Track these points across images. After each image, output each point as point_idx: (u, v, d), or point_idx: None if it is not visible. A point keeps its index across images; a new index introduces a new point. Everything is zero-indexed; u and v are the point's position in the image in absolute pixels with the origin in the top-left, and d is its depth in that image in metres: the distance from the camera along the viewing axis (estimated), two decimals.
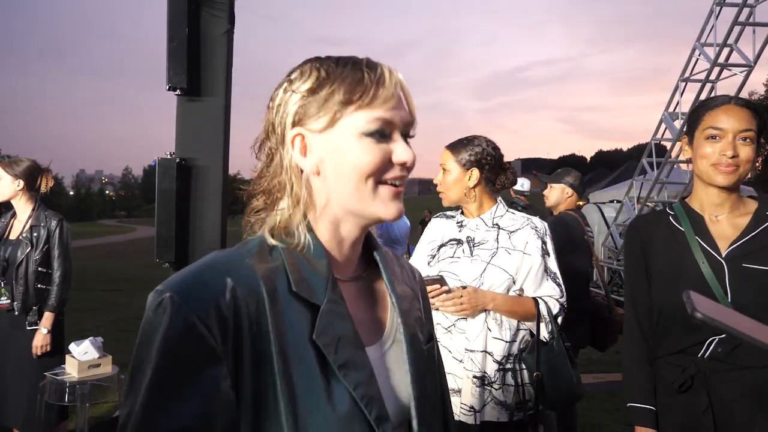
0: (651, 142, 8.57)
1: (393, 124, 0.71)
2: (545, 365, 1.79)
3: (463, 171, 1.90)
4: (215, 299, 0.62)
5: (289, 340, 0.65)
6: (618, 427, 3.82)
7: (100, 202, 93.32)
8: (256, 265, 0.67)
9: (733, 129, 1.37)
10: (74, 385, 2.71)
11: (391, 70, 0.71)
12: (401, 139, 0.72)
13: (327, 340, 0.66)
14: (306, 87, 0.70)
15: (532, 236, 1.86)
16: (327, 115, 0.69)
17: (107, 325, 6.81)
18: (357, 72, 0.69)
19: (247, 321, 0.63)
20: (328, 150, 0.70)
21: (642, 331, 1.51)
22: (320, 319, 0.66)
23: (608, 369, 5.20)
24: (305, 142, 0.71)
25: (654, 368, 1.49)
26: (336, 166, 0.70)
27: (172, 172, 2.57)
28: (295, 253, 0.70)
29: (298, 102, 0.70)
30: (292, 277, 0.67)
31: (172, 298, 0.61)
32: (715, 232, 1.43)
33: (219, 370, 0.61)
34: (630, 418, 1.48)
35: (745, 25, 6.91)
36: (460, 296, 1.75)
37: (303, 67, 0.72)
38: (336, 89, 0.69)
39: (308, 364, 0.65)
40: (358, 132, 0.69)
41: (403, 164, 0.71)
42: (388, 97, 0.69)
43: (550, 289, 1.85)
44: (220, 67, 2.67)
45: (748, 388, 1.33)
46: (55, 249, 2.81)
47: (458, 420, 1.81)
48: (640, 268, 1.52)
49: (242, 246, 0.71)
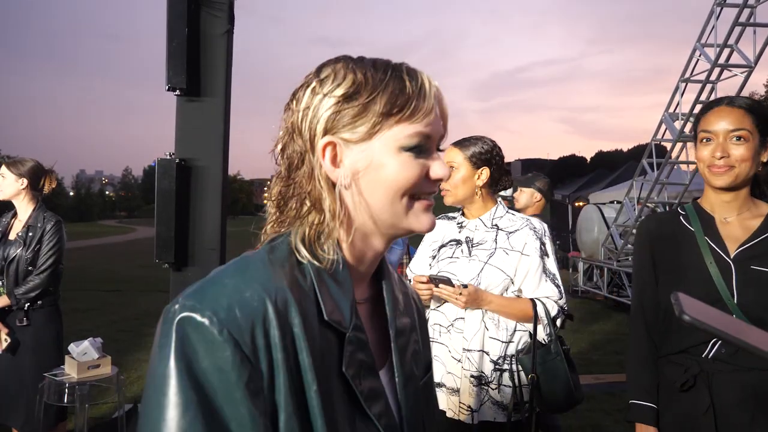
0: (651, 143, 8.56)
1: (431, 139, 0.67)
2: (542, 367, 1.79)
3: (473, 169, 1.89)
4: (254, 323, 0.56)
5: (323, 370, 0.60)
6: (618, 427, 3.82)
7: (100, 202, 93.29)
8: (291, 285, 0.62)
9: (722, 130, 1.39)
10: (73, 385, 2.71)
11: (431, 79, 0.67)
12: (438, 155, 0.69)
13: (354, 371, 0.63)
14: (341, 92, 0.64)
15: (531, 237, 1.86)
16: (364, 126, 0.64)
17: (107, 326, 6.80)
18: (398, 80, 0.65)
19: (283, 349, 0.58)
20: (364, 163, 0.65)
21: (647, 330, 1.53)
22: (347, 347, 0.63)
23: (608, 369, 5.19)
24: (336, 151, 0.65)
25: (657, 367, 1.50)
26: (371, 180, 0.65)
27: (172, 173, 2.57)
28: (324, 273, 0.65)
29: (331, 107, 0.64)
30: (325, 305, 0.63)
31: (212, 318, 0.54)
32: (725, 234, 1.44)
33: (261, 405, 0.55)
34: (631, 415, 1.50)
35: (746, 25, 6.90)
36: (459, 293, 1.76)
37: (336, 67, 0.66)
38: (377, 98, 0.64)
39: (338, 395, 0.61)
40: (398, 146, 0.65)
41: (439, 180, 0.68)
42: (429, 110, 0.66)
43: (549, 291, 1.85)
44: (220, 68, 2.67)
45: (751, 390, 1.33)
46: (45, 246, 2.77)
47: (457, 419, 1.82)
48: (648, 267, 1.54)
49: (272, 253, 0.65)
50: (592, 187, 15.60)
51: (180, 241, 2.62)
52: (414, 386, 0.74)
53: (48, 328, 2.80)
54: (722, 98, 1.45)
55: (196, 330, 0.54)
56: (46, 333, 2.79)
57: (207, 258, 2.67)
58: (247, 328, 0.55)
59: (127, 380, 4.56)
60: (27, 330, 2.74)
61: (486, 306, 1.81)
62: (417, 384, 0.75)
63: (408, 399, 0.71)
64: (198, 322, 0.54)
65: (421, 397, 0.76)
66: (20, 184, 2.81)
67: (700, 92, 7.45)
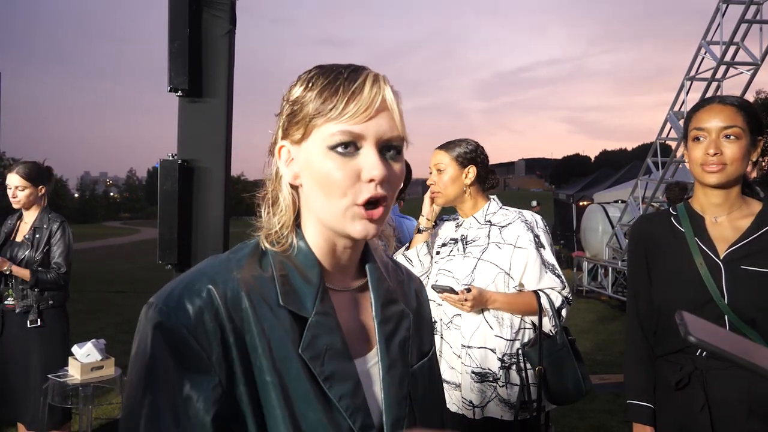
0: (656, 142, 8.51)
1: (362, 138, 0.67)
2: (548, 358, 1.81)
3: (460, 168, 1.93)
4: (202, 310, 0.64)
5: (279, 353, 0.66)
6: (623, 428, 3.79)
7: (104, 204, 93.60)
8: (245, 275, 0.68)
9: (715, 128, 1.39)
10: (77, 387, 2.72)
11: (376, 79, 0.68)
12: (373, 154, 0.67)
13: (313, 353, 0.67)
14: (293, 97, 0.71)
15: (523, 229, 1.87)
16: (301, 127, 0.70)
17: (111, 327, 6.83)
18: (334, 83, 0.68)
19: (233, 334, 0.65)
20: (302, 162, 0.71)
21: (643, 330, 1.54)
22: (307, 332, 0.67)
23: (612, 370, 5.17)
24: (289, 153, 0.72)
25: (654, 367, 1.51)
26: (308, 179, 0.70)
27: (174, 174, 2.57)
28: (286, 262, 0.71)
29: (286, 111, 0.72)
30: (281, 289, 0.68)
31: (161, 309, 0.64)
32: (715, 234, 1.44)
33: (208, 381, 0.62)
34: (628, 415, 1.52)
35: (752, 22, 6.85)
36: (465, 299, 1.78)
37: (301, 76, 0.72)
38: (310, 100, 0.69)
39: (298, 376, 0.66)
40: (325, 145, 0.68)
41: (371, 180, 0.67)
42: (361, 109, 0.66)
43: (551, 282, 1.86)
44: (222, 68, 2.66)
45: (746, 386, 1.34)
46: (57, 248, 2.82)
47: (460, 413, 1.85)
48: (642, 268, 1.54)
49: (234, 253, 0.72)
50: (597, 186, 15.55)
51: (183, 242, 2.62)
52: (400, 372, 0.75)
53: (55, 328, 2.83)
54: (713, 97, 1.47)
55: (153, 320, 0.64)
56: (53, 333, 2.82)
57: None
58: (193, 315, 0.63)
59: None
60: (35, 330, 2.76)
61: (491, 305, 1.82)
62: (405, 370, 0.76)
63: (391, 384, 0.74)
64: (153, 314, 0.64)
65: (418, 383, 0.78)
66: (39, 192, 2.86)
67: (706, 90, 7.40)
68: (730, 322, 1.35)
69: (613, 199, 11.93)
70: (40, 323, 2.76)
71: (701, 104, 1.46)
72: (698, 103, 1.48)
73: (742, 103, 1.41)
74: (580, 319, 7.63)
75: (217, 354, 0.63)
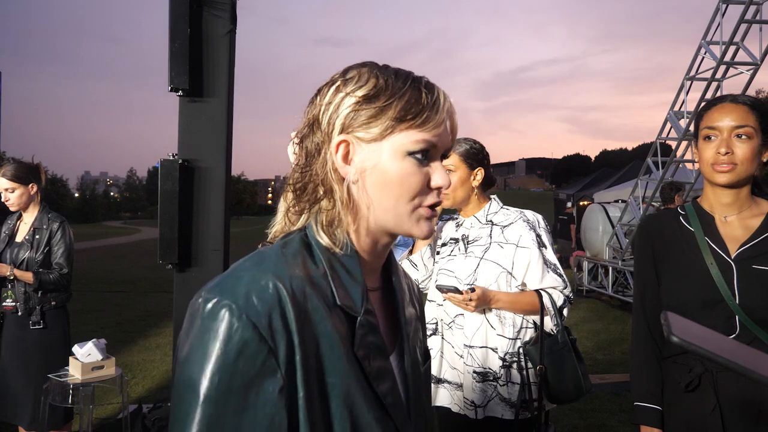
0: (656, 141, 8.51)
1: (437, 149, 0.72)
2: (549, 357, 1.81)
3: (469, 170, 1.93)
4: (272, 308, 0.62)
5: (336, 351, 0.66)
6: (623, 428, 3.79)
7: (104, 203, 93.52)
8: (305, 273, 0.67)
9: (726, 127, 1.37)
10: (77, 387, 2.71)
11: (446, 95, 0.73)
12: (440, 164, 0.73)
13: (364, 351, 0.68)
14: (362, 93, 0.69)
15: (525, 229, 1.87)
16: (378, 128, 0.69)
17: (112, 327, 6.81)
18: (416, 90, 0.70)
19: (298, 334, 0.63)
20: (371, 162, 0.70)
21: (650, 331, 1.51)
22: (358, 330, 0.68)
23: (612, 369, 5.17)
24: (349, 149, 0.71)
25: (662, 368, 1.48)
26: (376, 180, 0.70)
27: (175, 174, 2.57)
28: (335, 261, 0.70)
29: (351, 106, 0.70)
30: (337, 290, 0.68)
31: (231, 306, 0.60)
32: (725, 234, 1.42)
33: (278, 384, 0.61)
34: (636, 418, 1.49)
35: (752, 22, 6.84)
36: (469, 299, 1.78)
37: (361, 71, 0.71)
38: (393, 103, 0.69)
39: (354, 375, 0.67)
40: (404, 150, 0.69)
41: (439, 188, 0.72)
42: (439, 122, 0.71)
43: (553, 281, 1.87)
44: (222, 68, 2.66)
45: (757, 388, 1.32)
46: (58, 248, 2.82)
47: (462, 414, 1.85)
48: (649, 268, 1.52)
49: (285, 247, 0.70)
50: (597, 186, 15.56)
51: (183, 241, 2.62)
52: (419, 371, 0.80)
53: (56, 328, 2.83)
54: (725, 95, 1.43)
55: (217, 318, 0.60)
56: (54, 333, 2.82)
57: (210, 259, 2.67)
58: (264, 313, 0.61)
59: (132, 381, 4.57)
60: (36, 330, 2.76)
61: (495, 305, 1.82)
62: (420, 369, 0.81)
63: (415, 382, 0.78)
64: (219, 311, 0.60)
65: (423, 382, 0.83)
66: (31, 190, 2.83)
67: (706, 90, 7.39)
68: (741, 322, 1.33)
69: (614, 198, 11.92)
70: (43, 324, 2.76)
71: (713, 102, 1.43)
72: (710, 102, 1.45)
73: (755, 103, 1.38)
74: (581, 319, 7.63)
75: (283, 355, 0.61)
